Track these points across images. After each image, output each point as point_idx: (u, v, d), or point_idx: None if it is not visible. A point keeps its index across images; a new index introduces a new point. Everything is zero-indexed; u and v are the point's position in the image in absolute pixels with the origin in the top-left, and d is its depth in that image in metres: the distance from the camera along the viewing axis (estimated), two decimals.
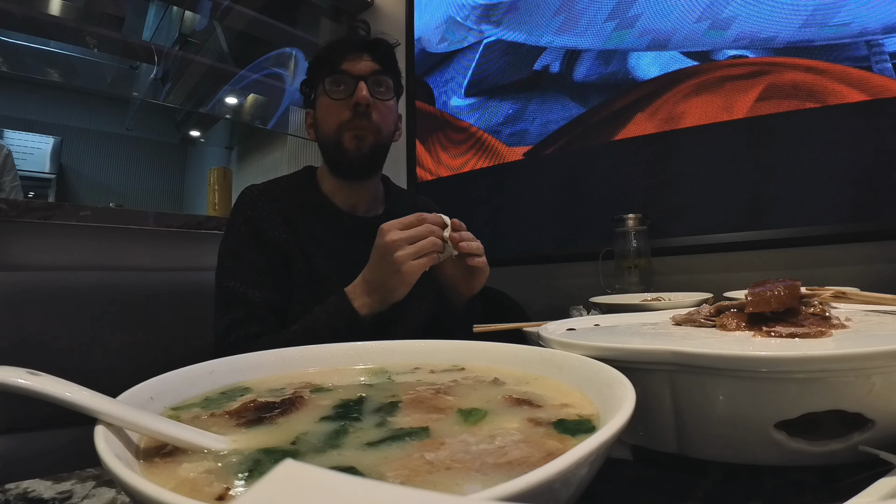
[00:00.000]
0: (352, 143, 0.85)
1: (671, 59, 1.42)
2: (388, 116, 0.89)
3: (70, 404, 0.21)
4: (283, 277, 0.82)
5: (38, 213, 1.01)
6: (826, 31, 1.19)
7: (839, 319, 0.36)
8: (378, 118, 0.86)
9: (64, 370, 0.23)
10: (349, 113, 0.84)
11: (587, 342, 0.32)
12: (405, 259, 0.68)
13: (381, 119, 0.86)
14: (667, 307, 0.74)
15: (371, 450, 0.22)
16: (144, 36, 2.49)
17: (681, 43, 1.40)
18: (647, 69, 1.46)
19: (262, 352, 0.36)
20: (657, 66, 1.44)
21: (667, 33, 1.42)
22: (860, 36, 1.16)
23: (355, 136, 0.85)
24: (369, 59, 0.87)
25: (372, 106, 0.85)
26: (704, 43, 1.36)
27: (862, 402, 0.26)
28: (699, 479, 0.30)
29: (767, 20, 1.27)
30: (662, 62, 1.43)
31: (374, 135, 0.86)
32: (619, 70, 1.51)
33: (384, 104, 0.87)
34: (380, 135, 0.86)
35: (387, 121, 0.88)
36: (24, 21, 1.56)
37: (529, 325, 0.61)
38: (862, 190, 1.14)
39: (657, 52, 1.44)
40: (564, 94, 1.62)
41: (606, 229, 1.28)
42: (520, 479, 0.14)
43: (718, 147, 1.32)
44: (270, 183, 0.91)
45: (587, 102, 1.57)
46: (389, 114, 0.89)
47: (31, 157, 3.37)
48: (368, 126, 0.85)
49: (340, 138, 0.85)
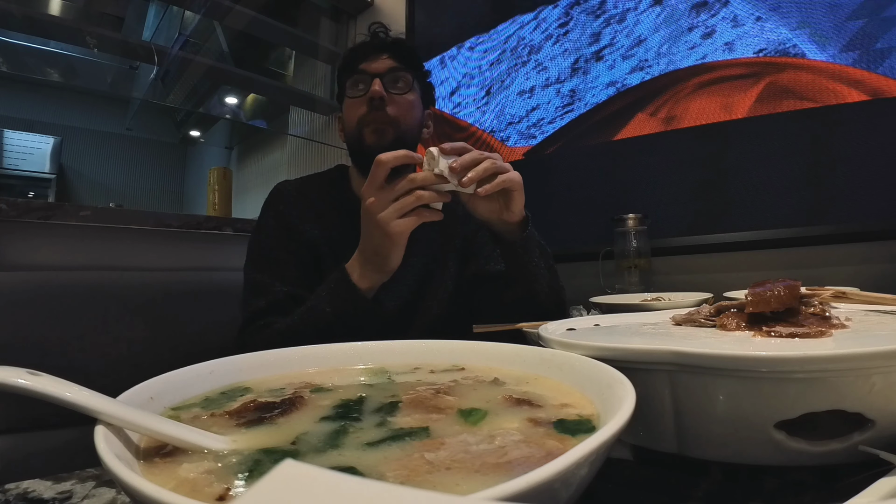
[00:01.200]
0: (371, 138, 0.85)
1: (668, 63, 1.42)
2: (408, 110, 0.88)
3: (70, 404, 0.21)
4: (311, 273, 0.83)
5: (38, 213, 1.01)
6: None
7: (839, 319, 0.36)
8: (395, 111, 0.86)
9: (64, 370, 0.23)
10: (366, 108, 0.85)
11: (587, 342, 0.32)
12: (388, 219, 0.65)
13: (398, 112, 0.86)
14: (667, 307, 0.74)
15: (371, 450, 0.22)
16: (144, 36, 2.50)
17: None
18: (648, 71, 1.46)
19: (263, 352, 0.36)
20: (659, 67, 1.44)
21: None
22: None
23: (374, 131, 0.85)
24: (387, 58, 0.88)
25: (388, 100, 0.85)
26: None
27: (862, 401, 0.26)
28: (699, 479, 0.30)
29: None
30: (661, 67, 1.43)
31: (393, 127, 0.85)
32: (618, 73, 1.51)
33: (402, 98, 0.87)
34: (399, 128, 0.86)
35: (406, 114, 0.87)
36: (24, 21, 1.55)
37: (529, 325, 0.61)
38: (862, 190, 1.14)
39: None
40: (564, 94, 1.62)
41: (606, 229, 1.28)
42: (520, 479, 0.14)
43: (719, 147, 1.32)
44: (303, 180, 0.94)
45: (588, 103, 1.57)
46: (409, 107, 0.88)
47: (31, 157, 3.37)
48: (385, 118, 0.85)
49: (361, 133, 0.86)
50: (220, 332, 0.87)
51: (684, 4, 1.41)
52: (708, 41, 1.36)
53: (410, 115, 0.88)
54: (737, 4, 1.32)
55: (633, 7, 1.50)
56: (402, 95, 0.87)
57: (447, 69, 1.92)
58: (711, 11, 1.36)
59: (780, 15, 1.26)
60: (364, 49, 0.89)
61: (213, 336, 0.99)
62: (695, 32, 1.39)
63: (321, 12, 2.22)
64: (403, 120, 0.87)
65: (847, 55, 1.17)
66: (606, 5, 1.55)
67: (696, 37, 1.39)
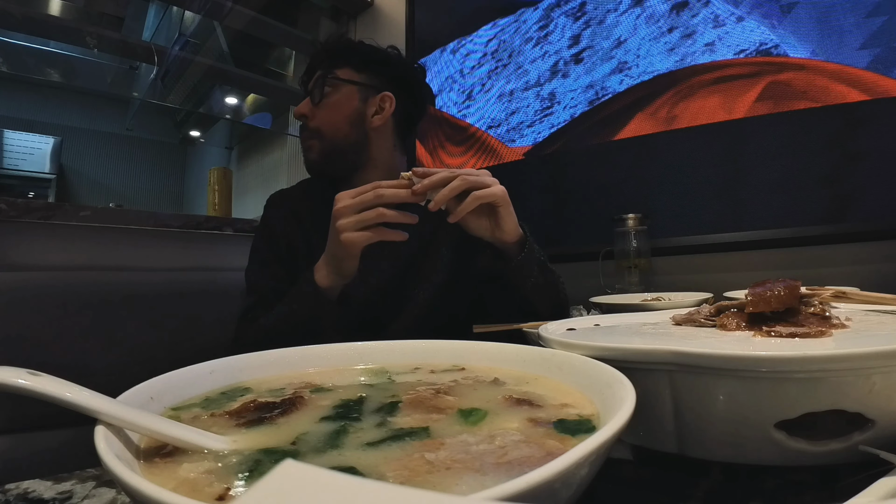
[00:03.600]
0: (305, 157, 0.90)
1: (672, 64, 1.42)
2: (332, 114, 0.88)
3: (70, 404, 0.21)
4: (294, 269, 0.86)
5: (38, 213, 1.01)
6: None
7: (839, 319, 0.36)
8: (318, 123, 0.88)
9: (64, 370, 0.23)
10: None
11: (587, 342, 0.32)
12: (344, 228, 0.65)
13: (321, 123, 0.88)
14: (667, 307, 0.74)
15: (371, 450, 0.22)
16: (144, 36, 2.50)
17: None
18: (649, 69, 1.46)
19: (263, 352, 0.36)
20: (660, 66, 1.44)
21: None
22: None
23: (304, 149, 0.90)
24: (319, 71, 0.89)
25: (311, 114, 0.88)
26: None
27: (862, 401, 0.26)
28: (699, 479, 0.30)
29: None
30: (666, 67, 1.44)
31: (317, 140, 0.88)
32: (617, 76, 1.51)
33: (325, 105, 0.88)
34: (324, 138, 0.88)
35: (330, 120, 0.88)
36: (24, 21, 1.56)
37: (529, 325, 0.61)
38: (862, 189, 1.14)
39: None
40: (565, 93, 1.62)
41: (606, 229, 1.28)
42: (520, 479, 0.14)
43: (719, 147, 1.32)
44: (294, 187, 1.01)
45: (588, 102, 1.57)
46: (334, 111, 0.88)
47: (31, 157, 3.37)
48: (309, 136, 0.89)
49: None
50: (221, 333, 0.87)
51: (665, 6, 1.42)
52: (696, 42, 1.36)
53: (336, 119, 0.88)
54: (717, 4, 1.33)
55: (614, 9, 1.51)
56: (325, 101, 0.88)
57: (447, 69, 1.92)
58: (693, 11, 1.37)
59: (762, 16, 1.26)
60: (309, 67, 0.93)
61: (214, 336, 0.99)
62: (674, 34, 1.40)
63: (321, 12, 2.22)
64: (328, 129, 0.88)
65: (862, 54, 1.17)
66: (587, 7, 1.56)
67: (675, 38, 1.40)
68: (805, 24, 1.22)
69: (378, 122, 0.91)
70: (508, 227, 0.70)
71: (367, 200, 0.64)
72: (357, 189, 0.66)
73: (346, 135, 0.88)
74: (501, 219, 0.69)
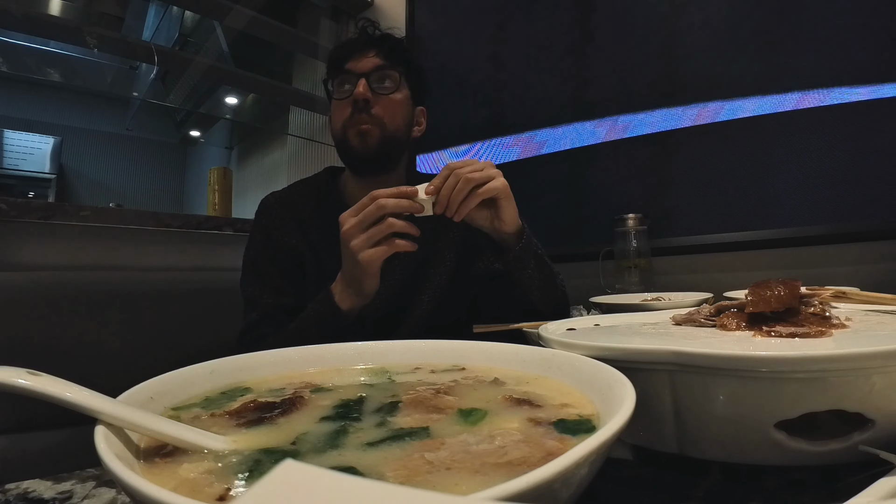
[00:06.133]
0: (356, 140, 0.84)
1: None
2: (395, 109, 0.87)
3: (70, 404, 0.21)
4: (298, 280, 0.84)
5: (38, 213, 1.01)
6: None
7: (839, 319, 0.36)
8: (380, 112, 0.85)
9: (64, 370, 0.23)
10: (350, 110, 0.84)
11: (587, 342, 0.32)
12: (359, 249, 0.64)
13: (384, 112, 0.85)
14: (667, 307, 0.74)
15: (371, 450, 0.22)
16: (144, 36, 2.50)
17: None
18: None
19: (263, 352, 0.36)
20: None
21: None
22: None
23: (358, 133, 0.84)
24: (374, 56, 0.86)
25: (373, 101, 0.84)
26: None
27: (862, 401, 0.26)
28: (699, 479, 0.30)
29: None
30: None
31: (378, 129, 0.84)
32: None
33: (388, 98, 0.86)
34: (385, 129, 0.85)
35: (392, 114, 0.86)
36: (24, 21, 1.55)
37: (529, 325, 0.61)
38: (862, 189, 1.14)
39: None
40: (566, 93, 1.62)
41: (606, 229, 1.28)
42: (520, 479, 0.14)
43: (719, 147, 1.32)
44: (289, 188, 0.95)
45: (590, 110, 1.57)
46: (396, 107, 0.87)
47: (31, 157, 3.37)
48: (369, 120, 0.84)
49: (346, 136, 0.85)
50: (221, 332, 0.87)
51: None
52: None
53: (397, 116, 0.87)
54: None
55: None
56: (388, 95, 0.86)
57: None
58: None
59: None
60: (351, 47, 0.88)
61: (214, 336, 0.98)
62: None
63: (321, 12, 2.22)
64: (390, 121, 0.86)
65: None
66: None
67: None
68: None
69: (417, 133, 0.93)
70: (508, 217, 0.70)
71: (372, 214, 0.64)
72: (355, 206, 0.66)
73: (403, 133, 0.88)
74: (502, 210, 0.69)
